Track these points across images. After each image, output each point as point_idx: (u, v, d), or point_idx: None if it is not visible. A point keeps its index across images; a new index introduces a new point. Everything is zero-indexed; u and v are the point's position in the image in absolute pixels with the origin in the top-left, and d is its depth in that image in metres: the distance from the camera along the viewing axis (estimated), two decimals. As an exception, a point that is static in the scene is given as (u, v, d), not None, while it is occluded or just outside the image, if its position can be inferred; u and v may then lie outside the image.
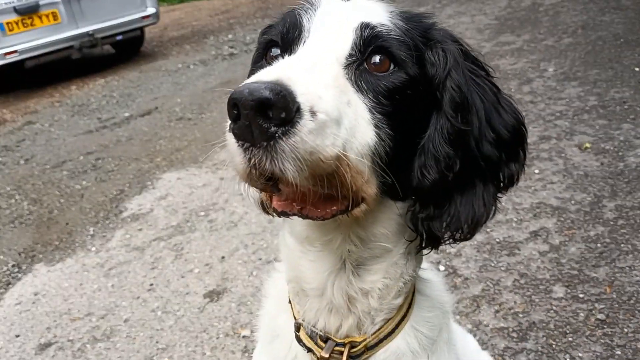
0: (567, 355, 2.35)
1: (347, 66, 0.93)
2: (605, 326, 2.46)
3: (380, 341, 1.12)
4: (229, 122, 0.82)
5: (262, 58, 1.06)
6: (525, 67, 5.92)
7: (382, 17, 0.99)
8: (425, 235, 1.03)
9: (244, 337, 2.83)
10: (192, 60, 9.47)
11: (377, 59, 0.94)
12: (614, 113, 4.40)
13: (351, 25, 0.95)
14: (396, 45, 0.94)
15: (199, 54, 9.84)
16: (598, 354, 2.33)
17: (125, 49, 10.23)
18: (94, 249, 3.93)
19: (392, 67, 0.95)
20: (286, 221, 1.14)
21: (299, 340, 1.15)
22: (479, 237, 3.17)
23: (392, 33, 0.95)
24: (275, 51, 1.02)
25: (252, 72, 1.10)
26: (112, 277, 3.56)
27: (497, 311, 2.70)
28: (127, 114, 7.10)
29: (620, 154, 3.79)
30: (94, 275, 3.61)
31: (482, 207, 1.01)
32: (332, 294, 1.09)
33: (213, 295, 3.21)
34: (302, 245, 1.11)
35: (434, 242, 1.05)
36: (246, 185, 1.20)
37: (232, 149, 0.84)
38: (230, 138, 0.83)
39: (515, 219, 3.35)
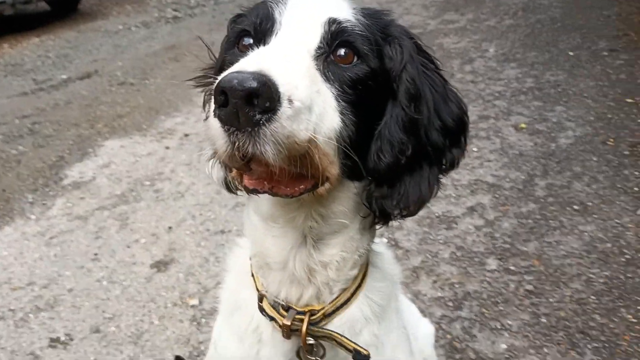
0: (498, 323, 2.55)
1: (317, 58, 0.99)
2: (532, 296, 2.68)
3: (337, 309, 1.20)
4: (213, 106, 0.86)
5: (234, 46, 1.10)
6: (468, 46, 6.11)
7: (347, 12, 1.05)
8: (378, 212, 1.11)
9: (192, 306, 2.88)
10: (133, 21, 9.14)
11: (342, 51, 1.01)
12: (549, 95, 4.65)
13: (320, 20, 1.01)
14: (360, 40, 1.01)
15: (140, 15, 9.50)
16: (526, 321, 2.54)
17: (62, 6, 9.72)
18: (33, 217, 3.82)
19: (355, 59, 1.02)
20: (251, 200, 1.19)
21: (262, 310, 1.22)
22: (420, 212, 3.32)
23: (356, 28, 1.02)
24: (248, 40, 1.06)
25: (224, 58, 1.13)
26: (54, 246, 3.49)
27: (434, 282, 2.87)
28: (64, 76, 6.81)
29: (552, 135, 4.04)
30: (35, 244, 3.53)
31: (427, 188, 1.11)
32: (294, 267, 1.16)
33: (160, 265, 3.22)
34: (266, 222, 1.16)
35: (386, 218, 1.14)
36: (211, 164, 1.25)
37: (215, 132, 0.89)
38: (214, 122, 0.87)
39: (453, 195, 3.53)
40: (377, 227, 1.21)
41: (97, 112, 5.63)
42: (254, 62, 0.85)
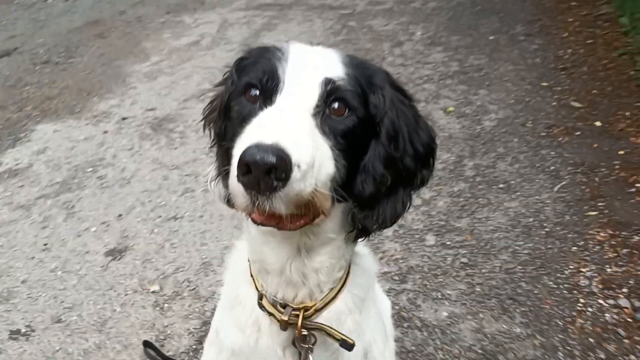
0: (439, 293, 2.86)
1: (314, 114, 1.15)
2: (467, 268, 3.01)
3: (326, 304, 1.40)
4: (236, 171, 1.02)
5: (242, 95, 1.22)
6: (396, 29, 6.38)
7: (339, 69, 1.20)
8: (360, 228, 1.32)
9: (153, 292, 2.98)
10: (50, -7, 8.66)
11: (336, 105, 1.17)
12: (473, 79, 5.02)
13: (317, 81, 1.16)
14: (350, 95, 1.18)
15: (57, -14, 9.01)
16: (463, 291, 2.87)
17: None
18: (-30, 208, 3.72)
19: (347, 112, 1.18)
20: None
21: (261, 306, 1.39)
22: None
23: (347, 85, 1.18)
24: (255, 92, 1.20)
25: (230, 103, 1.27)
26: (-2, 237, 3.44)
27: (381, 258, 3.13)
28: (-20, 54, 6.43)
29: (477, 117, 4.40)
30: (-23, 236, 3.46)
31: (401, 206, 1.32)
32: (290, 272, 1.34)
33: (115, 253, 3.28)
34: (265, 236, 1.32)
35: (366, 233, 1.34)
36: (214, 183, 1.39)
37: (238, 192, 1.05)
38: (238, 186, 1.03)
39: (393, 176, 3.79)
40: (359, 240, 1.40)
41: (23, 94, 5.43)
42: (269, 135, 1.01)
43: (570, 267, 2.95)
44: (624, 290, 2.78)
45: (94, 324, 2.80)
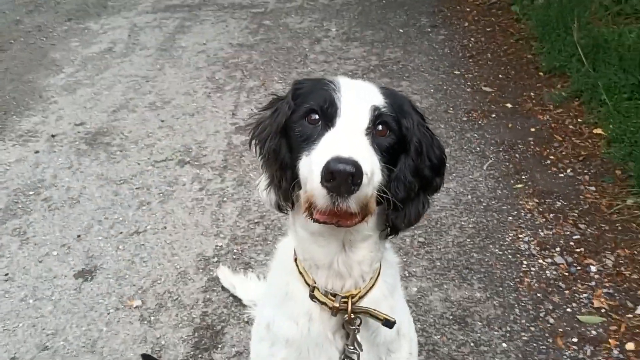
0: (406, 272, 3.18)
1: (367, 134, 1.40)
2: (425, 246, 3.36)
3: (367, 292, 1.64)
4: (319, 178, 1.24)
5: (304, 118, 1.43)
6: (311, 26, 6.63)
7: (380, 98, 1.46)
8: (391, 227, 1.57)
9: (136, 307, 3.03)
10: None
11: (380, 127, 1.43)
12: (393, 72, 5.40)
13: (367, 107, 1.41)
14: (390, 119, 1.44)
15: None
16: (425, 267, 3.21)
17: None
18: None
19: (388, 132, 1.45)
20: (296, 219, 1.56)
21: (313, 298, 1.60)
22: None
23: (387, 111, 1.44)
24: (315, 116, 1.42)
25: (294, 127, 1.46)
26: (-50, 274, 3.29)
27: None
28: None
29: (405, 108, 4.77)
30: None
31: (423, 208, 1.60)
32: (337, 266, 1.56)
33: (85, 274, 3.27)
34: (313, 236, 1.54)
35: (396, 231, 1.60)
36: (266, 192, 1.58)
37: (320, 194, 1.27)
38: (321, 189, 1.25)
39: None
40: (390, 237, 1.65)
41: None
42: (344, 150, 1.25)
43: (510, 234, 3.40)
44: (557, 249, 3.26)
45: (84, 346, 2.82)
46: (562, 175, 3.86)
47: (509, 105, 4.73)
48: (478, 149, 4.20)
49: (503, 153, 4.14)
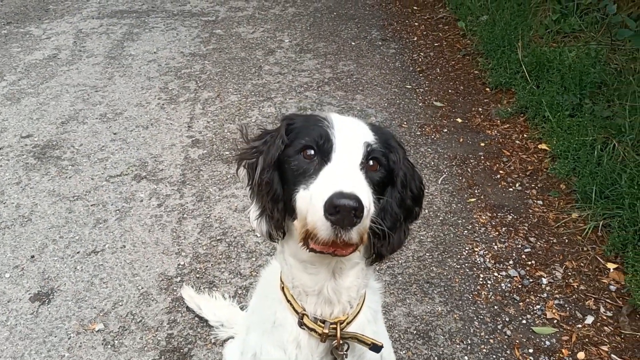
0: (370, 288, 3.25)
1: (360, 169, 1.47)
2: (387, 261, 3.45)
3: (354, 318, 1.70)
4: (322, 211, 1.29)
5: (300, 153, 1.48)
6: (264, 36, 6.64)
7: (370, 134, 1.53)
8: (376, 255, 1.64)
9: (98, 331, 2.96)
10: None
11: (371, 162, 1.50)
12: (347, 85, 5.50)
13: (360, 143, 1.48)
14: (380, 154, 1.52)
15: None
16: (388, 282, 3.30)
17: None
18: None
19: (378, 167, 1.52)
20: (286, 248, 1.61)
21: (302, 325, 1.64)
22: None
23: (378, 147, 1.52)
24: (311, 151, 1.47)
25: (290, 162, 1.50)
26: None
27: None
28: None
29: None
30: None
31: (404, 235, 1.69)
32: (327, 293, 1.61)
33: (41, 297, 3.16)
34: (303, 264, 1.58)
35: (381, 258, 1.67)
36: (258, 221, 1.60)
37: (322, 226, 1.31)
38: (324, 222, 1.29)
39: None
40: (374, 264, 1.71)
41: None
42: (346, 185, 1.31)
43: (466, 248, 3.55)
44: (510, 262, 3.43)
45: (45, 374, 2.74)
46: (511, 189, 4.06)
47: (459, 120, 4.92)
48: (432, 163, 4.35)
49: (456, 167, 4.30)
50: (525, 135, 4.62)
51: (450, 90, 5.39)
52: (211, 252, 3.48)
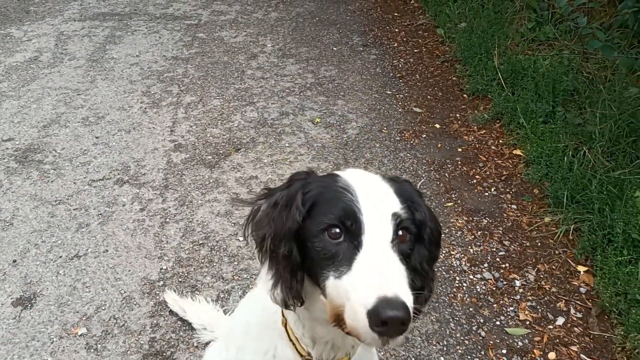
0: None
1: (392, 247, 1.37)
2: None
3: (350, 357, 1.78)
4: (367, 321, 1.20)
5: (324, 232, 1.36)
6: (247, 40, 6.70)
7: (395, 200, 1.44)
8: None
9: (81, 335, 2.99)
10: None
11: (401, 232, 1.42)
12: (329, 90, 5.58)
13: (388, 216, 1.39)
14: (409, 223, 1.44)
15: None
16: (367, 285, 3.38)
17: None
18: None
19: (408, 237, 1.44)
20: (303, 312, 1.57)
21: None
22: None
23: (406, 215, 1.43)
24: (336, 230, 1.35)
25: (313, 241, 1.37)
26: None
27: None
28: None
29: (342, 126, 4.96)
30: None
31: (433, 285, 1.63)
32: (336, 339, 1.65)
33: (24, 302, 3.18)
34: (318, 319, 1.57)
35: (419, 312, 1.57)
36: (273, 291, 1.48)
37: (367, 334, 1.22)
38: (370, 332, 1.21)
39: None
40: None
41: None
42: (389, 288, 1.22)
43: (443, 251, 3.65)
44: (485, 265, 3.54)
45: (28, 378, 2.77)
46: (487, 194, 4.17)
47: (437, 125, 5.03)
48: (411, 168, 4.45)
49: (434, 172, 4.41)
50: (500, 141, 4.75)
51: (429, 97, 5.51)
52: (193, 257, 3.53)
